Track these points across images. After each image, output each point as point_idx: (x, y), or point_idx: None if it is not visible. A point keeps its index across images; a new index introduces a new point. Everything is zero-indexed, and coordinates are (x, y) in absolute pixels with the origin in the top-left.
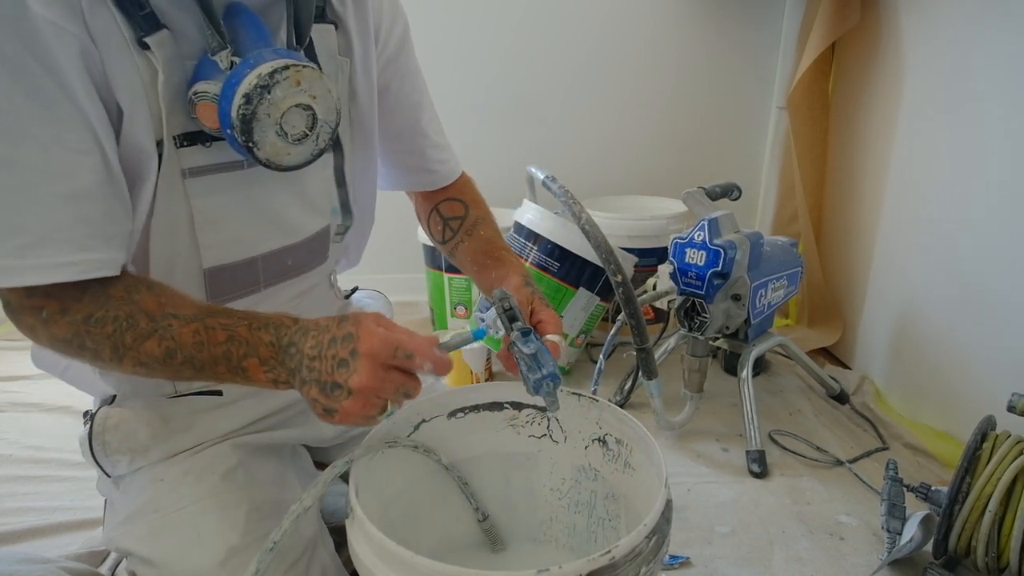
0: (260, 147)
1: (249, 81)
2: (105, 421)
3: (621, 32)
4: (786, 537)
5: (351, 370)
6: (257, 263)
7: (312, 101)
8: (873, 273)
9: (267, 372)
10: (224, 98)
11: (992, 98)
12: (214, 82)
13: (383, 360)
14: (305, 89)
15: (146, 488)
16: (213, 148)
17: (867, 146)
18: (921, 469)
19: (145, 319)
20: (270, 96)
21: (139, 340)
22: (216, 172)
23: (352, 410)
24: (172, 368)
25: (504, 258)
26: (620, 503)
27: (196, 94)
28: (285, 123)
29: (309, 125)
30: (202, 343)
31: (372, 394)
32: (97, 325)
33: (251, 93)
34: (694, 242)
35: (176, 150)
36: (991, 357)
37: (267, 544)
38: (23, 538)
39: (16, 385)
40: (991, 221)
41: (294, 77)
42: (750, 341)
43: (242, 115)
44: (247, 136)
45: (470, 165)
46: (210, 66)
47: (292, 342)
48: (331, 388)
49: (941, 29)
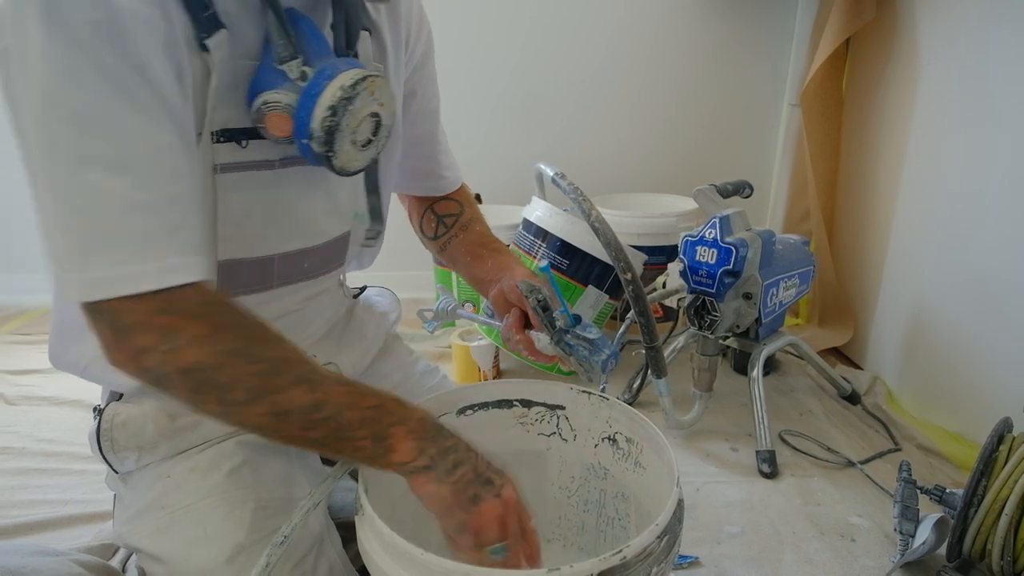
0: (337, 156)
1: (332, 93)
2: (113, 418)
3: (632, 29)
4: (796, 538)
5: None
6: (273, 262)
7: (380, 108)
8: (886, 272)
9: (414, 443)
10: (303, 109)
11: (1008, 95)
12: (284, 91)
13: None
14: (376, 98)
15: (153, 485)
16: (249, 148)
17: (881, 144)
18: (934, 471)
19: (298, 366)
20: (352, 107)
21: (289, 385)
22: (246, 170)
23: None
24: (309, 423)
25: (501, 249)
26: (630, 502)
27: (266, 104)
28: (357, 132)
29: (374, 131)
30: (353, 404)
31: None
32: (247, 361)
33: (336, 105)
34: (705, 240)
35: (212, 145)
36: (1006, 358)
37: (277, 538)
38: (35, 530)
39: (29, 379)
40: (1006, 220)
41: (370, 87)
42: (761, 340)
43: (327, 127)
44: (328, 146)
45: (481, 162)
46: (275, 75)
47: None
48: (486, 481)
49: (957, 25)
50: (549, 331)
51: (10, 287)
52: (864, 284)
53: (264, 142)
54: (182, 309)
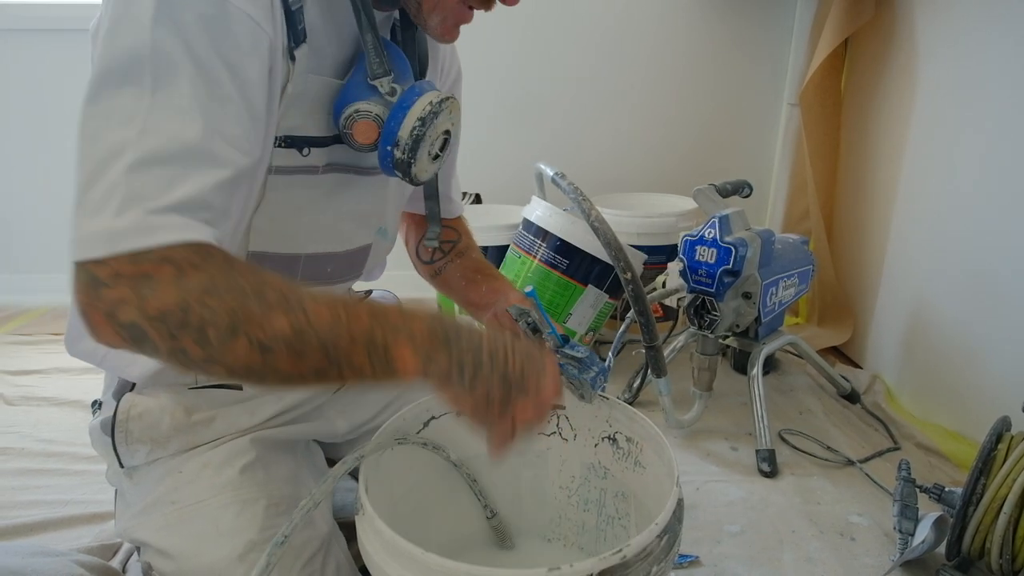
0: (417, 163)
1: (423, 107)
2: (130, 409)
3: (632, 28)
4: (796, 537)
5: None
6: (299, 261)
7: (452, 127)
8: (885, 271)
9: (420, 351)
10: (394, 119)
11: (1007, 95)
12: (374, 103)
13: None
14: (452, 118)
15: (163, 480)
16: (310, 156)
17: (880, 143)
18: (933, 470)
19: (274, 292)
20: (436, 122)
21: (267, 313)
22: (294, 173)
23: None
24: (297, 352)
25: (496, 274)
26: (630, 501)
27: (358, 112)
28: (433, 145)
29: (442, 147)
30: (340, 322)
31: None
32: (217, 297)
33: (426, 117)
34: (705, 239)
35: (273, 149)
36: (1005, 357)
37: (277, 537)
38: (34, 531)
39: (28, 379)
40: (1005, 218)
41: (450, 107)
42: (760, 339)
43: (415, 135)
44: (412, 153)
45: (481, 162)
46: (365, 89)
47: (460, 326)
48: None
49: (956, 24)
50: None
51: (10, 287)
52: (863, 283)
53: (321, 150)
54: (151, 258)
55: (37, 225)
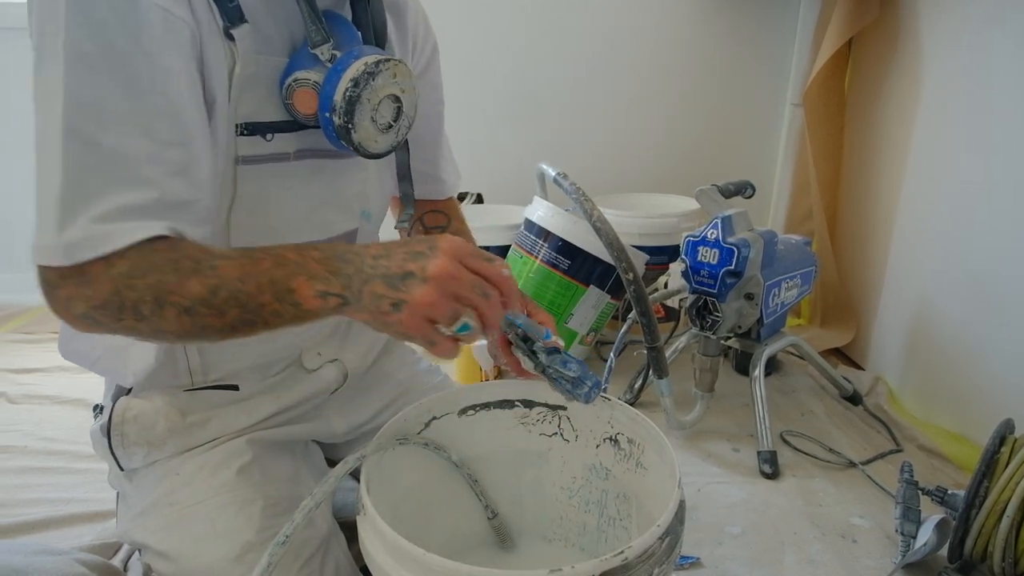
0: (356, 129)
1: (357, 68)
2: (124, 412)
3: (634, 28)
4: (798, 539)
5: (428, 258)
6: None
7: (401, 94)
8: (888, 273)
9: (316, 285)
10: (329, 83)
11: (1012, 96)
12: (314, 71)
13: (461, 256)
14: (398, 82)
15: (161, 481)
16: (273, 141)
17: (883, 144)
18: (936, 472)
19: (188, 261)
20: (373, 83)
21: (181, 280)
22: (264, 162)
23: (424, 300)
24: (217, 309)
25: None
26: (631, 503)
27: (296, 80)
28: (378, 111)
29: (394, 116)
30: (246, 274)
31: (448, 285)
32: (139, 275)
33: (359, 78)
34: (707, 240)
35: (236, 138)
36: (1008, 359)
37: (279, 537)
38: (36, 529)
39: (31, 378)
40: (1009, 220)
41: (392, 69)
42: (762, 341)
43: (348, 97)
44: (348, 117)
45: (482, 161)
46: (308, 58)
47: (348, 251)
48: (402, 278)
49: (960, 25)
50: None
51: (12, 286)
52: (866, 285)
53: (286, 136)
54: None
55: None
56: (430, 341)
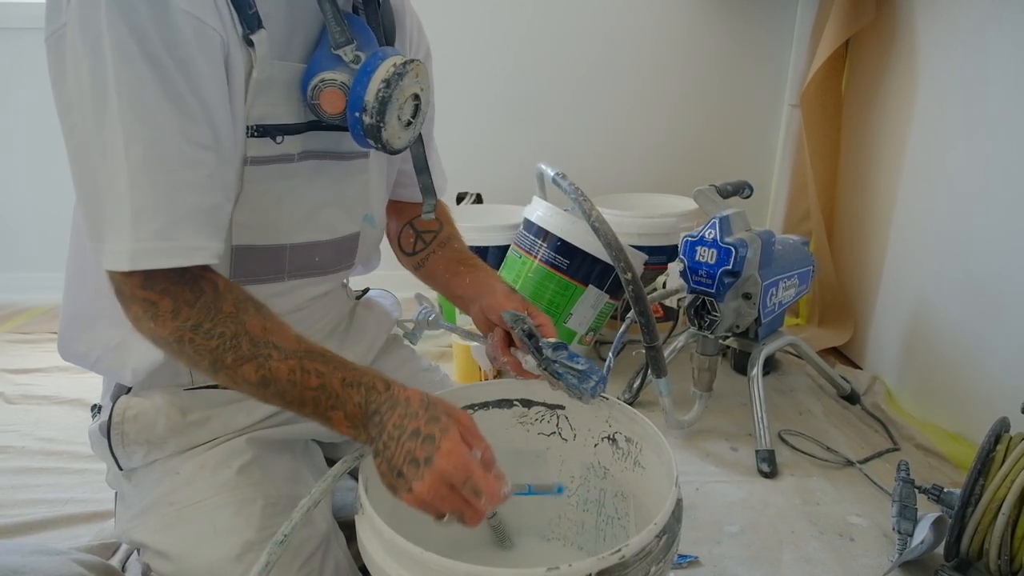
0: (386, 128)
1: (387, 69)
2: (124, 411)
3: (633, 28)
4: (796, 537)
5: (419, 475)
6: (285, 252)
7: (421, 92)
8: (885, 272)
9: (350, 428)
10: (359, 84)
11: (1008, 97)
12: (339, 72)
13: (451, 482)
14: (419, 81)
15: (161, 481)
16: (283, 143)
17: (880, 144)
18: (932, 470)
19: (248, 343)
20: (402, 83)
21: (239, 362)
22: (271, 163)
23: (409, 503)
24: (262, 395)
25: (479, 265)
26: (629, 501)
27: (324, 81)
28: (403, 109)
29: (413, 113)
30: (295, 383)
31: (429, 504)
32: (203, 336)
33: (390, 79)
34: (705, 240)
35: (246, 139)
36: (1005, 358)
37: (277, 536)
38: (34, 529)
39: (29, 378)
40: (1005, 220)
41: (416, 69)
42: (760, 340)
43: (381, 97)
44: (380, 117)
45: (481, 162)
46: (329, 59)
47: (378, 411)
48: (397, 475)
49: (956, 26)
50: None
51: (10, 286)
52: (864, 284)
53: (295, 138)
54: (158, 285)
55: (38, 224)
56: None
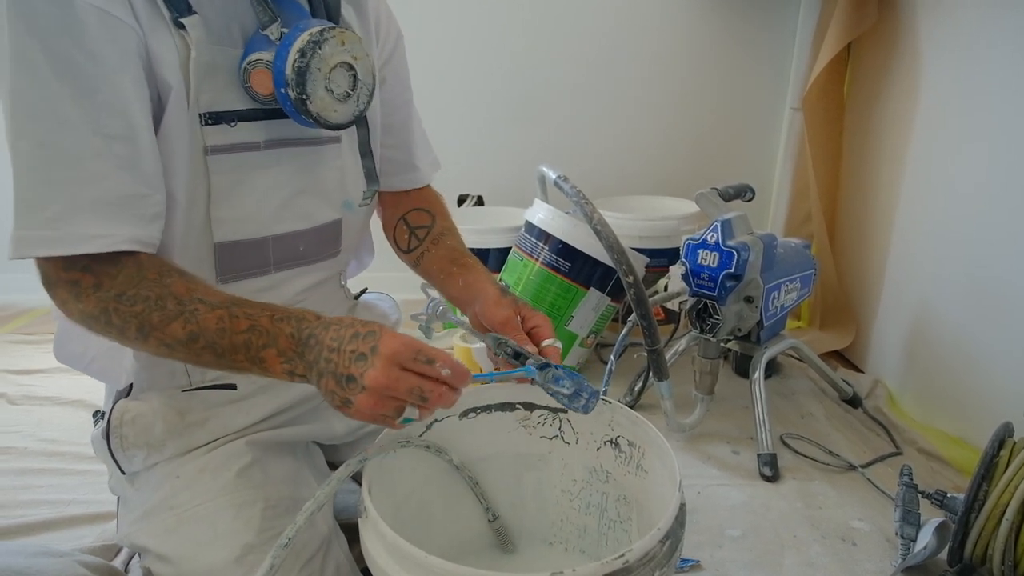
0: (312, 100)
1: (303, 39)
2: (123, 415)
3: (634, 31)
4: (798, 542)
5: (368, 364)
6: (268, 244)
7: (354, 61)
8: (887, 276)
9: (284, 363)
10: (279, 58)
11: (1010, 100)
12: (267, 52)
13: (401, 361)
14: (348, 50)
15: (162, 485)
16: (237, 128)
17: (882, 148)
18: (935, 475)
19: (173, 302)
20: (320, 52)
21: (165, 321)
22: (234, 151)
23: (366, 406)
24: (194, 352)
25: (471, 265)
26: (632, 505)
27: (251, 63)
28: (332, 81)
29: (351, 85)
30: (224, 330)
31: (385, 392)
32: (127, 303)
33: (304, 48)
34: (707, 243)
35: (201, 127)
36: (1007, 362)
37: (282, 540)
38: (36, 530)
39: (31, 379)
40: (1008, 224)
41: (339, 37)
42: (762, 343)
43: (297, 68)
44: (301, 88)
45: (483, 164)
46: (261, 41)
47: (312, 334)
48: (346, 380)
49: (958, 30)
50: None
51: (12, 287)
52: (866, 287)
53: (253, 125)
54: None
55: None
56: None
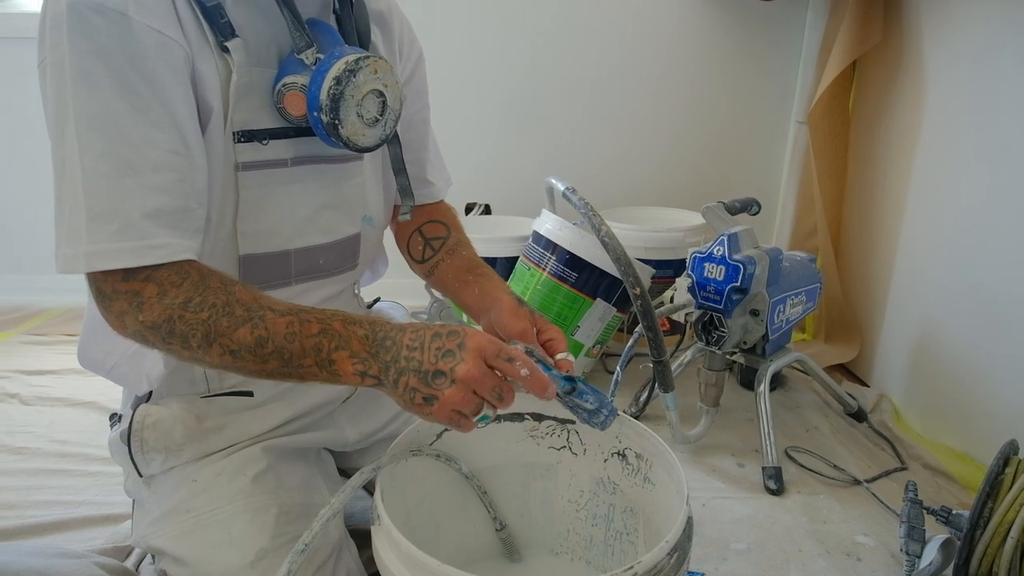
0: (343, 125)
1: (338, 67)
2: (144, 419)
3: (642, 45)
4: (802, 556)
5: (457, 359)
6: (290, 257)
7: (384, 89)
8: (893, 289)
9: (357, 364)
10: (314, 84)
11: (1014, 115)
12: (300, 75)
13: (487, 357)
14: (380, 78)
15: (178, 488)
16: (268, 146)
17: (887, 162)
18: (940, 491)
19: (241, 308)
20: (355, 79)
21: (233, 327)
22: (263, 168)
23: (453, 399)
24: (260, 357)
25: (487, 274)
26: (638, 517)
27: (285, 85)
28: (363, 107)
29: (380, 111)
30: (294, 334)
31: (475, 386)
32: (194, 310)
33: (341, 76)
34: (713, 257)
35: (234, 145)
36: (1013, 377)
37: (298, 546)
38: (48, 531)
39: (43, 380)
40: (1013, 238)
41: (373, 66)
42: (767, 356)
43: (332, 95)
44: (334, 114)
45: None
46: (295, 64)
47: (387, 336)
48: (433, 376)
49: (963, 47)
50: None
51: (27, 288)
52: (871, 301)
53: (282, 143)
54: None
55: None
56: (457, 425)
